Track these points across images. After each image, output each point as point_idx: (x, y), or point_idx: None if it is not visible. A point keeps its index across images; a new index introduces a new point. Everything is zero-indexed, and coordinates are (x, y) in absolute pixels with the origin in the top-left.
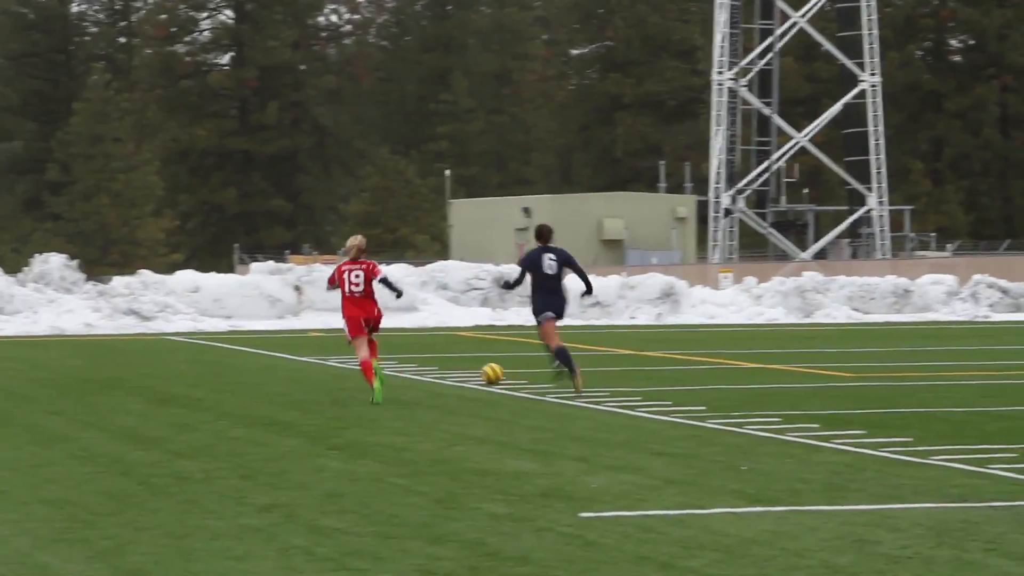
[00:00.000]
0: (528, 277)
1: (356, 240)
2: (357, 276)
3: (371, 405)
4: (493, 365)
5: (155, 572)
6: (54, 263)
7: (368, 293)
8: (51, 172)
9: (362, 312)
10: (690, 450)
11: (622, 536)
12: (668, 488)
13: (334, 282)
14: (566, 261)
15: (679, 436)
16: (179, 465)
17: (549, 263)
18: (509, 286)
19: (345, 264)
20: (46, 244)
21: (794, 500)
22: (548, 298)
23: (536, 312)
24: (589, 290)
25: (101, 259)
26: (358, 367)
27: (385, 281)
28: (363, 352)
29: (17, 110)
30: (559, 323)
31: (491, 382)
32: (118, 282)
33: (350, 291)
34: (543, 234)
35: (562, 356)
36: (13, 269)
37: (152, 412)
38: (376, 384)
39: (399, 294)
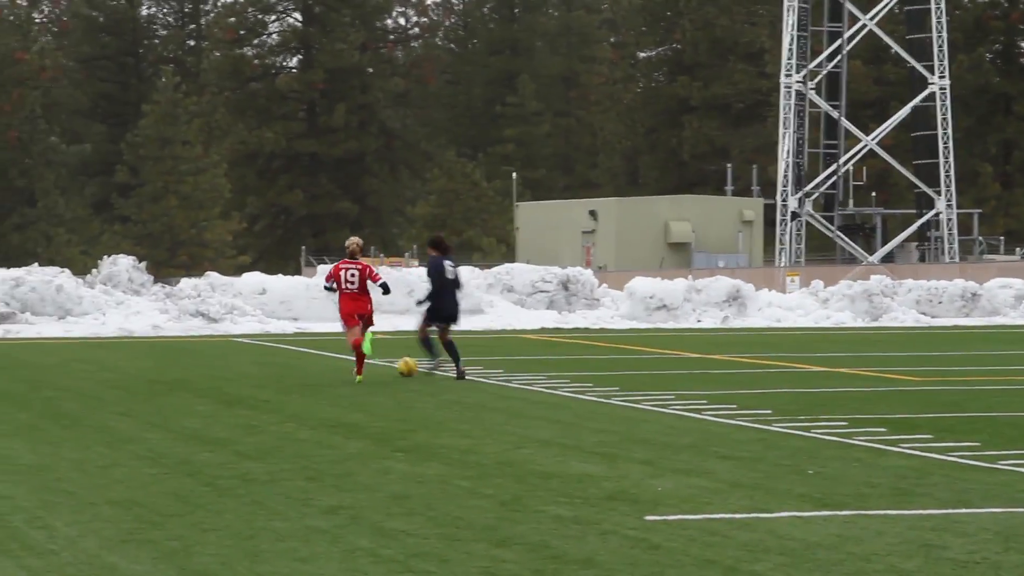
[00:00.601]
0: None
1: (354, 242)
2: (353, 275)
3: (356, 384)
4: (407, 359)
5: (221, 573)
6: (122, 265)
7: (363, 290)
8: (120, 174)
9: (356, 308)
10: (756, 454)
11: (687, 539)
12: (734, 492)
13: (331, 279)
14: (457, 270)
15: (745, 440)
16: (245, 467)
17: (450, 269)
18: (428, 299)
19: (343, 263)
20: (115, 246)
21: (861, 504)
22: (449, 301)
23: (435, 315)
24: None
25: (169, 261)
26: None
27: (384, 286)
28: (354, 335)
29: (87, 112)
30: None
31: (404, 375)
32: (186, 284)
33: (346, 287)
34: (442, 244)
35: (427, 344)
36: (82, 271)
37: (219, 414)
38: (365, 344)
39: (386, 291)
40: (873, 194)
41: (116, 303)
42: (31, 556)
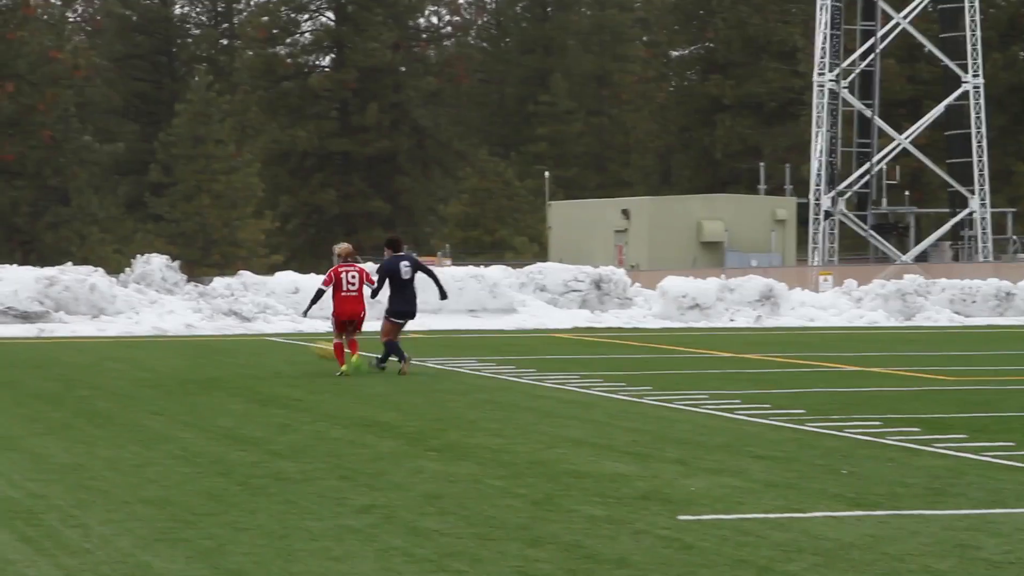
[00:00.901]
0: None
1: (347, 247)
2: (353, 277)
3: (338, 376)
4: (322, 345)
5: (255, 572)
6: (156, 264)
7: (359, 293)
8: (153, 173)
9: (350, 312)
10: (789, 453)
11: (720, 539)
12: (767, 491)
13: (330, 282)
14: (418, 266)
15: (778, 439)
16: (279, 466)
17: (405, 269)
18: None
19: (341, 266)
20: (148, 245)
21: (894, 504)
22: (405, 300)
23: (393, 313)
24: (443, 295)
25: (202, 260)
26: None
27: (375, 289)
28: (338, 340)
29: (120, 111)
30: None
31: (323, 357)
32: (219, 283)
33: (346, 290)
34: (396, 244)
35: (393, 347)
36: (115, 270)
37: (252, 413)
38: (355, 360)
39: (373, 293)
40: (906, 193)
41: (149, 302)
42: (66, 555)
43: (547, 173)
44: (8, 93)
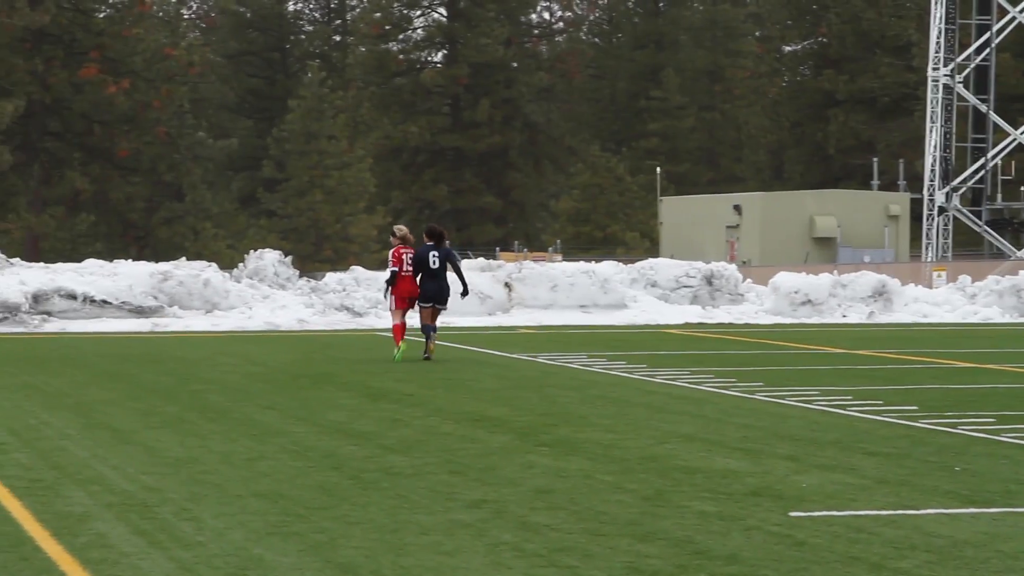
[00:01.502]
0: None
1: (406, 230)
2: (410, 259)
3: (395, 363)
4: None
5: (366, 566)
6: (268, 259)
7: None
8: (266, 169)
9: (410, 290)
10: (902, 450)
11: (832, 536)
12: (879, 488)
13: (398, 263)
14: (448, 258)
15: (891, 436)
16: (390, 460)
17: (433, 259)
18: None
19: (402, 248)
20: (261, 240)
21: (1009, 502)
22: (430, 286)
23: (421, 297)
24: (464, 291)
25: (314, 255)
26: (399, 333)
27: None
28: (397, 319)
29: (234, 108)
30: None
31: None
32: (331, 278)
33: (406, 270)
34: (433, 233)
35: (427, 331)
36: (228, 265)
37: (363, 407)
38: (401, 346)
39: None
40: (1022, 189)
41: (262, 297)
42: (179, 548)
43: (659, 169)
44: (124, 90)
